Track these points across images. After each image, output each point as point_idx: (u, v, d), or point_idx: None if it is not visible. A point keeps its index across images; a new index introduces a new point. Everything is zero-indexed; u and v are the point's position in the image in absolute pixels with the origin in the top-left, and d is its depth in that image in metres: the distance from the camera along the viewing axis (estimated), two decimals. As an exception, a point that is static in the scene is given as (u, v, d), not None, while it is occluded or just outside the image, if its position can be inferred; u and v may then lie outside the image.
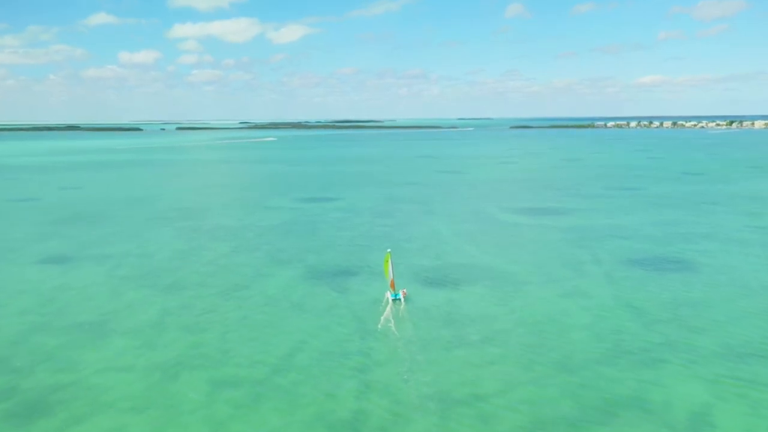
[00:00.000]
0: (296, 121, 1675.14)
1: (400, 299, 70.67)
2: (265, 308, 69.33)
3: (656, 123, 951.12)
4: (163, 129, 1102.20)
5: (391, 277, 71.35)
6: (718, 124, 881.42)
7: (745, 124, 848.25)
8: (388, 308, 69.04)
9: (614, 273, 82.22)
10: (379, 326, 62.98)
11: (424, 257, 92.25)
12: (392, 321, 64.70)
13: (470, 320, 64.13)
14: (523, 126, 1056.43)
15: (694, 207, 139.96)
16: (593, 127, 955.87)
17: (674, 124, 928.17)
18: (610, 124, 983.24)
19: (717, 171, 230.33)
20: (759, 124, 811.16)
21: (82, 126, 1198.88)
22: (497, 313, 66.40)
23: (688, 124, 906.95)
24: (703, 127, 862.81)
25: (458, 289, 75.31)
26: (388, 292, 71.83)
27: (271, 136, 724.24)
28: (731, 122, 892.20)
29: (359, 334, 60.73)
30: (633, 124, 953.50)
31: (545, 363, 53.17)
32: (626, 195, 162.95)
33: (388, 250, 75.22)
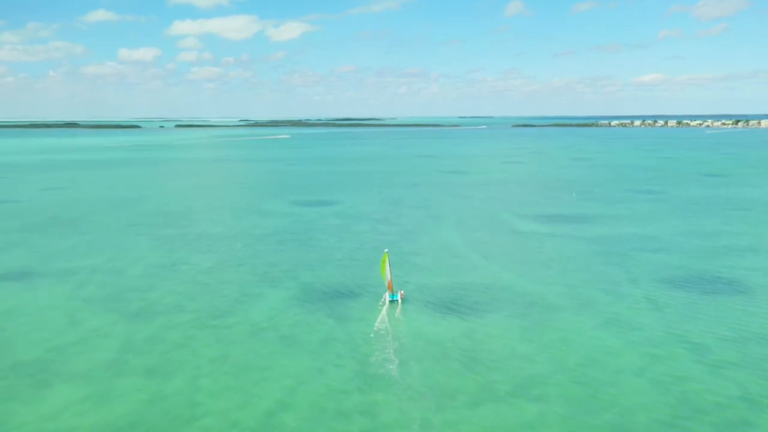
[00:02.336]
0: (296, 118, 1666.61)
1: (397, 300, 68.40)
2: (248, 343, 57.77)
3: (660, 122, 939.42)
4: (162, 126, 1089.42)
5: (389, 278, 68.67)
6: (723, 123, 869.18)
7: (751, 123, 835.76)
8: (384, 310, 66.25)
9: (657, 296, 70.65)
10: (383, 369, 51.46)
11: (436, 275, 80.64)
12: (397, 360, 53.20)
13: (496, 362, 52.56)
14: (525, 125, 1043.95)
15: (724, 214, 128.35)
16: (597, 126, 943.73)
17: (679, 123, 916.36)
18: (614, 123, 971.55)
19: (736, 172, 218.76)
20: (766, 123, 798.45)
21: (80, 123, 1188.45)
22: (528, 351, 54.81)
23: (693, 123, 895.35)
24: (708, 126, 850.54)
25: (478, 317, 63.73)
26: (386, 294, 69.19)
27: (284, 133, 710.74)
28: (737, 121, 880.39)
29: (361, 381, 49.16)
30: (637, 123, 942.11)
31: (599, 428, 41.63)
32: (647, 199, 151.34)
33: (386, 250, 71.67)
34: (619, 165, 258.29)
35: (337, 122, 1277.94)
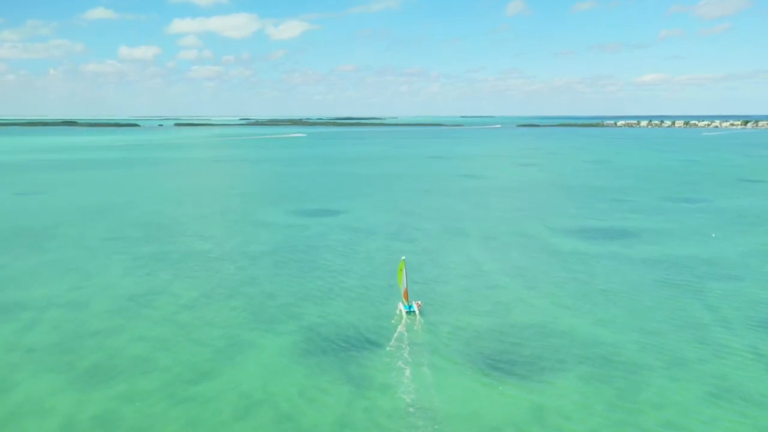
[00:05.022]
0: (296, 117, 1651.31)
1: (414, 312, 63.76)
2: (234, 426, 41.98)
3: (668, 122, 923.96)
4: (161, 125, 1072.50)
5: (405, 286, 64.16)
6: (732, 124, 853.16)
7: (760, 124, 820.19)
8: (402, 323, 61.18)
9: (763, 347, 54.87)
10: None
11: (471, 313, 64.81)
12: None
13: (587, 467, 36.78)
14: (530, 124, 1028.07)
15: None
16: (602, 125, 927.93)
17: (686, 123, 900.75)
18: (620, 123, 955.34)
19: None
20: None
21: (79, 121, 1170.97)
22: (628, 447, 39.02)
23: (700, 124, 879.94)
24: (716, 126, 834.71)
25: (542, 384, 47.85)
26: (401, 304, 64.83)
27: (294, 132, 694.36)
28: (746, 122, 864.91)
29: (396, 505, 33.46)
30: (644, 123, 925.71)
31: None
32: (690, 209, 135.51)
33: (403, 257, 64.99)
34: (641, 167, 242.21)
35: (338, 121, 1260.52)
